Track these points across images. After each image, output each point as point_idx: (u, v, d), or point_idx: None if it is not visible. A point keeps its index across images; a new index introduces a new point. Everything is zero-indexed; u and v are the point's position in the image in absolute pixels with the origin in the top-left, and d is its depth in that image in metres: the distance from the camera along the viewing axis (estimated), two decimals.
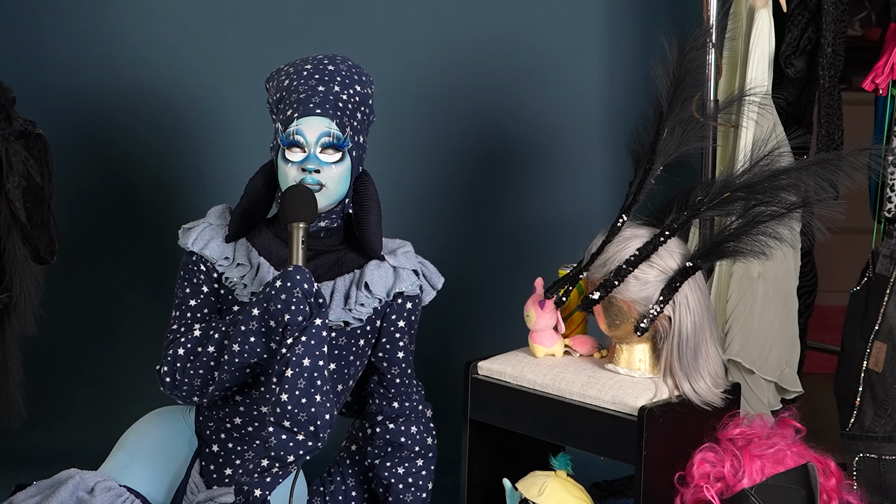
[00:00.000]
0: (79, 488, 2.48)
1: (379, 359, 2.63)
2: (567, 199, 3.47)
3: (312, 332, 2.36)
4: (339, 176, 2.48)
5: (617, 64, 3.45)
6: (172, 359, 2.50)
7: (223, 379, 2.47)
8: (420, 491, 2.68)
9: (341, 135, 2.46)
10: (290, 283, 2.36)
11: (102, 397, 3.44)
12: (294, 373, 2.33)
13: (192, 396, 2.53)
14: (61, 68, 3.37)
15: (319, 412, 2.34)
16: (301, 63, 2.54)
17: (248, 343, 2.42)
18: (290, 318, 2.35)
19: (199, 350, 2.49)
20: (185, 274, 2.57)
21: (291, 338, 2.36)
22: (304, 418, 2.34)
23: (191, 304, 2.56)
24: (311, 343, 2.35)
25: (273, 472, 2.38)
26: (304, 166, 2.45)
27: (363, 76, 2.56)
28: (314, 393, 2.35)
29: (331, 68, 2.51)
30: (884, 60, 2.84)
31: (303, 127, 2.45)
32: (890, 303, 2.80)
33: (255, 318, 2.40)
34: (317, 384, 2.35)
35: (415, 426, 2.67)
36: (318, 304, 2.38)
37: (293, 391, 2.33)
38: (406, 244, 2.63)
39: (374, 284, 2.53)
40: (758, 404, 2.91)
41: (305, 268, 2.40)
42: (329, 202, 2.49)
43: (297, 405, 2.33)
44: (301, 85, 2.49)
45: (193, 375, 2.49)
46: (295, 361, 2.34)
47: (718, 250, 2.54)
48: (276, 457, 2.36)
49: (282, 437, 2.35)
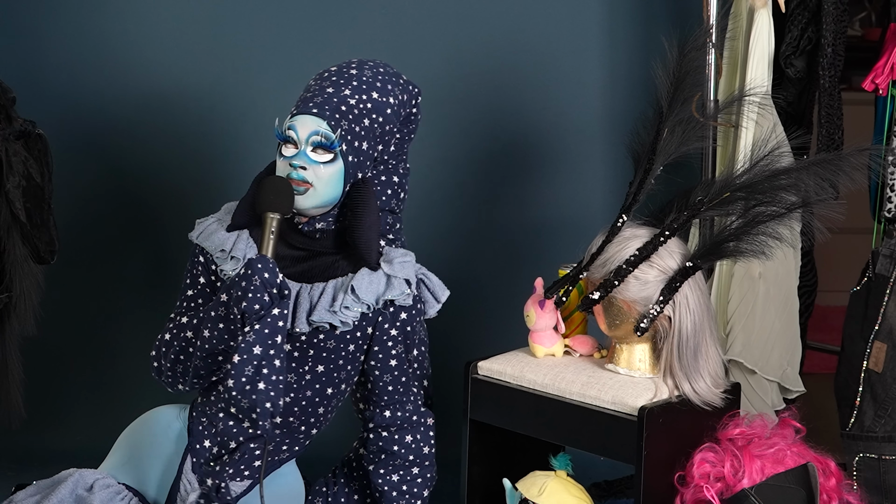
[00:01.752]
0: (78, 486, 2.51)
1: (371, 367, 2.61)
2: (567, 199, 3.47)
3: (267, 321, 2.37)
4: (329, 177, 2.47)
5: (617, 64, 3.45)
6: (159, 343, 2.56)
7: (197, 366, 2.50)
8: (414, 499, 2.66)
9: (332, 135, 2.45)
10: (250, 271, 2.38)
11: (102, 397, 3.44)
12: (241, 360, 2.36)
13: (177, 384, 2.57)
14: (61, 68, 3.37)
15: (261, 400, 2.36)
16: (333, 66, 2.57)
17: (216, 329, 2.44)
18: (247, 306, 2.37)
19: (180, 335, 2.54)
20: (189, 264, 2.61)
21: (248, 325, 2.38)
22: (245, 404, 2.36)
23: (188, 293, 2.60)
24: (265, 332, 2.37)
25: (223, 460, 2.43)
26: (291, 162, 2.46)
27: (391, 85, 2.54)
28: (258, 381, 2.36)
29: (353, 72, 2.53)
30: (884, 60, 2.84)
31: (296, 123, 2.46)
32: (890, 303, 2.80)
33: (222, 305, 2.43)
34: (263, 372, 2.36)
35: (409, 435, 2.65)
36: (280, 294, 2.39)
37: (239, 378, 2.36)
38: (408, 254, 2.59)
39: (362, 290, 2.51)
40: (760, 404, 2.91)
41: (272, 258, 2.41)
42: (316, 203, 2.48)
43: (240, 391, 2.36)
44: (315, 85, 2.52)
45: (174, 361, 2.53)
46: (243, 349, 2.36)
47: (718, 250, 2.54)
48: (220, 442, 2.42)
49: (228, 423, 2.42)
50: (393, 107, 2.54)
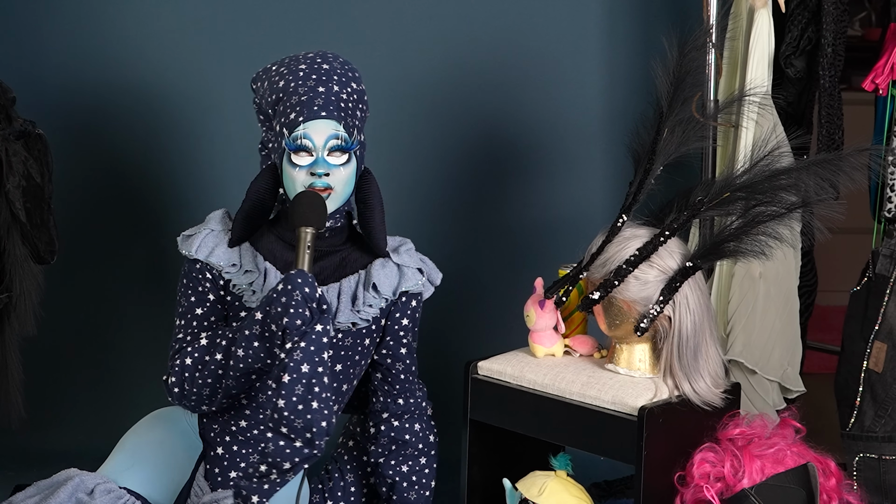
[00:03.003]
0: (78, 490, 2.46)
1: (383, 356, 2.63)
2: (567, 199, 3.47)
3: (312, 339, 2.33)
4: (347, 177, 2.48)
5: (617, 64, 3.45)
6: (180, 369, 2.48)
7: (229, 385, 2.45)
8: (424, 489, 2.69)
9: (348, 137, 2.45)
10: (290, 286, 2.33)
11: (102, 397, 3.44)
12: (291, 379, 2.31)
13: (201, 405, 2.51)
14: (61, 68, 3.37)
15: (316, 419, 2.32)
16: (293, 62, 2.52)
17: (251, 348, 2.40)
18: (289, 322, 2.32)
19: (206, 359, 2.46)
20: (190, 282, 2.54)
21: (290, 342, 2.34)
22: (300, 425, 2.32)
23: (197, 312, 2.53)
24: (311, 349, 2.32)
25: (271, 478, 2.37)
26: (313, 170, 2.43)
27: (355, 72, 2.54)
28: (311, 399, 2.32)
29: (326, 67, 2.49)
30: (884, 60, 2.84)
31: (310, 130, 2.43)
32: (890, 303, 2.80)
33: (258, 322, 2.38)
34: (314, 391, 2.32)
35: (418, 423, 2.68)
36: (320, 309, 2.35)
37: (290, 397, 2.31)
38: (406, 241, 2.63)
39: (382, 284, 2.52)
40: (761, 404, 2.91)
41: (310, 273, 2.37)
42: (337, 205, 2.49)
43: (293, 412, 2.31)
44: (300, 86, 2.46)
45: (202, 385, 2.47)
46: (293, 367, 2.31)
47: (718, 250, 2.54)
48: (273, 463, 2.35)
49: (279, 443, 2.33)
50: (364, 92, 2.54)
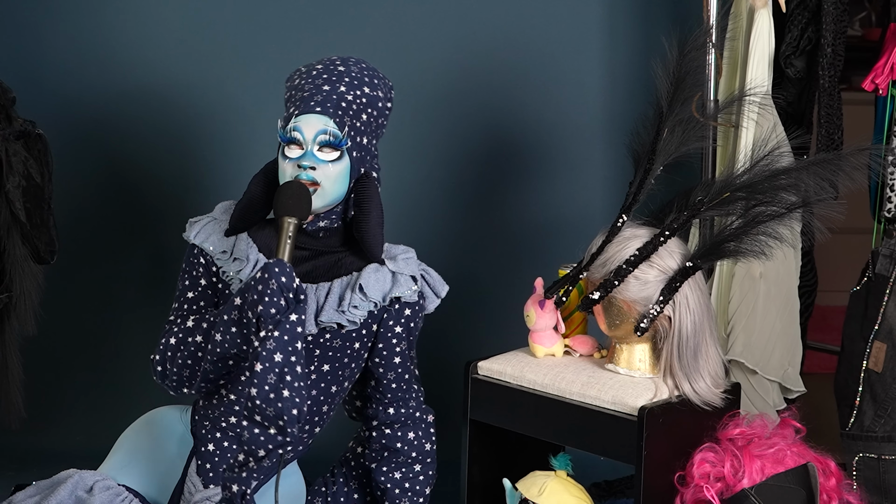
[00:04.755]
0: (77, 487, 2.49)
1: (375, 364, 2.62)
2: (567, 199, 3.47)
3: (286, 328, 2.34)
4: (336, 175, 2.48)
5: (617, 64, 3.45)
6: (164, 348, 2.53)
7: (207, 369, 2.48)
8: (417, 496, 2.67)
9: (339, 133, 2.46)
10: (267, 274, 2.35)
11: (102, 397, 3.44)
12: (263, 367, 2.33)
13: (182, 387, 2.55)
14: (61, 68, 3.37)
15: (286, 407, 2.33)
16: (316, 63, 2.56)
17: (228, 333, 2.42)
18: (263, 310, 2.34)
19: (188, 340, 2.51)
20: (186, 266, 2.59)
21: (265, 331, 2.35)
22: (272, 413, 2.34)
23: (188, 295, 2.58)
24: (284, 338, 2.34)
25: (249, 466, 2.39)
26: (299, 163, 2.45)
27: (376, 80, 2.55)
28: (282, 388, 2.33)
29: (341, 69, 2.52)
30: (884, 60, 2.84)
31: (301, 124, 2.45)
32: (890, 303, 2.80)
33: (236, 308, 2.41)
34: (286, 380, 2.34)
35: (412, 432, 2.66)
36: (296, 299, 2.37)
37: (262, 386, 2.33)
38: (409, 250, 2.61)
39: (369, 287, 2.52)
40: (762, 404, 2.91)
41: (288, 262, 2.39)
42: (325, 202, 2.49)
43: (265, 400, 2.33)
44: (308, 84, 2.50)
45: (182, 365, 2.51)
46: (265, 356, 2.33)
47: (718, 250, 2.54)
48: (249, 451, 2.38)
49: (254, 430, 2.36)
50: (382, 100, 2.55)
